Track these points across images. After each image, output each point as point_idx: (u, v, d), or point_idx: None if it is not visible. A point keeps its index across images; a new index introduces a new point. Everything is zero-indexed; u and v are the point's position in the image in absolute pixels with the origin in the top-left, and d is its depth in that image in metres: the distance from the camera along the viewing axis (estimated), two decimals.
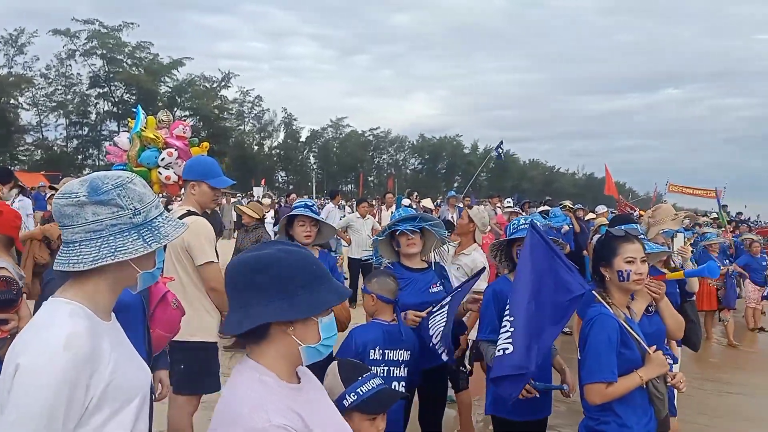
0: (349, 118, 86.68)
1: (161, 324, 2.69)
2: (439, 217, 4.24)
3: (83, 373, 1.26)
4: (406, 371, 2.98)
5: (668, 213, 4.24)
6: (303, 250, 1.47)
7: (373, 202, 19.61)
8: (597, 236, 5.91)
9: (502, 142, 19.88)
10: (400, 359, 2.97)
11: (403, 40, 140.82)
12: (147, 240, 1.39)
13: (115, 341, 1.41)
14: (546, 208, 12.28)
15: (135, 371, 1.44)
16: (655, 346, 2.48)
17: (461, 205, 12.86)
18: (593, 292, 2.55)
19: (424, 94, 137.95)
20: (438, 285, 3.46)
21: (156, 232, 1.41)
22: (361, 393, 1.92)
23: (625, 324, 2.45)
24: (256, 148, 66.16)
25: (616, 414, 2.38)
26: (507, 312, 2.68)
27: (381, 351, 2.91)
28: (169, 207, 8.87)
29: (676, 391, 2.65)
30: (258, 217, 7.23)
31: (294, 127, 71.55)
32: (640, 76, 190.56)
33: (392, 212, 4.56)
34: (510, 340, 2.57)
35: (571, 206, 11.25)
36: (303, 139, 73.88)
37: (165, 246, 1.46)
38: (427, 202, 15.11)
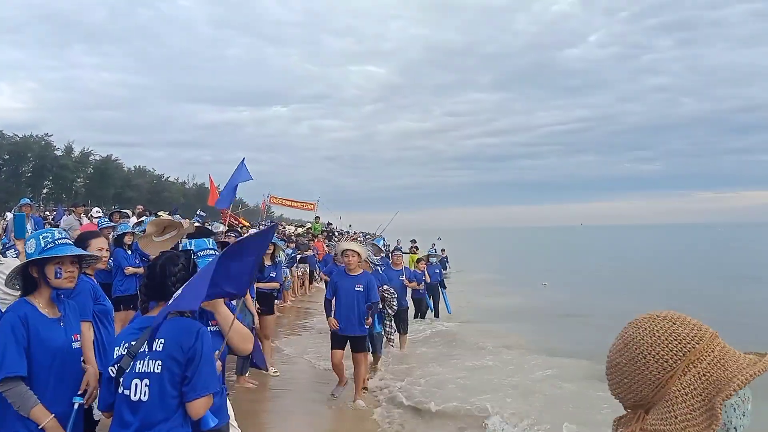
0: None
1: None
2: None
3: None
4: None
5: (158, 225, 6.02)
6: None
7: None
8: None
9: None
10: None
11: None
12: None
13: None
14: (143, 219, 11.90)
15: None
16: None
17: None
18: None
19: (5, 85, 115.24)
20: None
21: None
22: None
23: None
24: None
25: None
26: None
27: None
28: None
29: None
30: None
31: None
32: (250, 91, 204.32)
33: None
34: None
35: (167, 217, 11.16)
36: None
37: None
38: None
